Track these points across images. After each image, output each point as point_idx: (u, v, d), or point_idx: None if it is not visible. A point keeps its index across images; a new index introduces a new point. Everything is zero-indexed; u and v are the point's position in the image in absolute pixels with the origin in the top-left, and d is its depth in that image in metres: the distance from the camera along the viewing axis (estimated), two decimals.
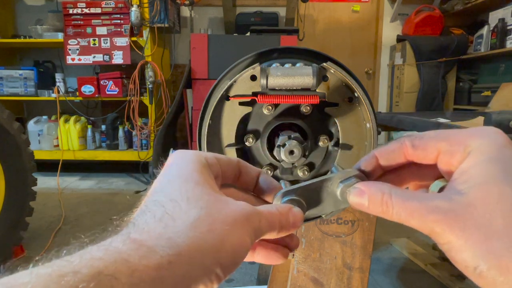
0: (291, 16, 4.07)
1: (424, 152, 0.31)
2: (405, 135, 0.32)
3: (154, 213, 0.25)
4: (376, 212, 0.29)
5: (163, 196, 0.27)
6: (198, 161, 0.30)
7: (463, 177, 0.27)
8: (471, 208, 0.25)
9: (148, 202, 0.27)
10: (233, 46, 3.29)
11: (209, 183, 0.29)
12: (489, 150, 0.27)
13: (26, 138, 2.15)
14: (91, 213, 2.87)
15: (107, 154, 3.88)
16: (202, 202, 0.27)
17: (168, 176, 0.29)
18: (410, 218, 0.27)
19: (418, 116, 2.32)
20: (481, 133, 0.29)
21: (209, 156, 0.32)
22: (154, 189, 0.29)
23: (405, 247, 2.25)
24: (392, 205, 0.28)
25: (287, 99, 0.57)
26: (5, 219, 1.98)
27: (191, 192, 0.27)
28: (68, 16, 3.66)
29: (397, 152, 0.32)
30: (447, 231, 0.26)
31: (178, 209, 0.26)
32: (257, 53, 0.59)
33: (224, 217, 0.26)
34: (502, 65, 3.72)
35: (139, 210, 0.27)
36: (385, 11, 4.62)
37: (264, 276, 1.60)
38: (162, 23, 3.66)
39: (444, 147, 0.29)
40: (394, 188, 0.29)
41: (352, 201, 0.31)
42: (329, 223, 0.70)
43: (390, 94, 4.57)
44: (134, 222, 0.25)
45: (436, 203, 0.27)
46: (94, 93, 3.71)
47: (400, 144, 0.32)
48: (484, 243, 0.24)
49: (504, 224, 0.24)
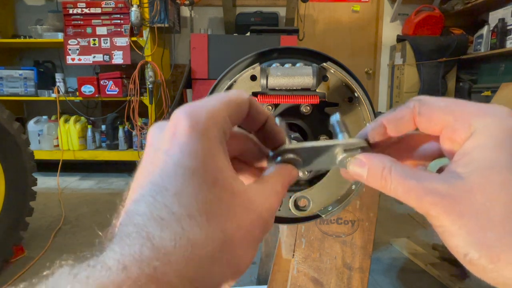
0: (291, 16, 4.07)
1: (428, 122, 0.29)
2: (415, 98, 0.30)
3: (172, 233, 0.20)
4: (374, 185, 0.29)
5: (174, 201, 0.21)
6: (217, 139, 0.24)
7: (465, 159, 0.26)
8: (470, 194, 0.24)
9: (153, 207, 0.21)
10: (233, 46, 3.29)
11: (229, 179, 0.24)
12: (496, 133, 0.26)
13: (26, 138, 2.15)
14: (91, 213, 2.87)
15: (107, 154, 3.88)
16: (223, 222, 0.22)
17: (175, 163, 0.22)
18: (407, 196, 0.27)
19: None
20: (489, 112, 0.27)
21: (222, 120, 0.25)
22: (150, 179, 0.22)
23: (405, 247, 2.25)
24: (390, 180, 0.27)
25: (287, 99, 0.57)
26: (5, 219, 1.98)
27: (210, 206, 0.22)
28: (68, 16, 3.66)
29: (406, 119, 0.30)
30: (442, 215, 0.25)
31: (197, 232, 0.21)
32: (257, 53, 0.59)
33: (243, 238, 0.23)
34: (502, 65, 3.71)
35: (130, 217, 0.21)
36: (385, 11, 4.62)
37: (264, 276, 1.60)
38: (162, 23, 3.66)
39: (449, 121, 0.28)
40: (395, 163, 0.28)
41: (352, 171, 0.30)
42: (329, 223, 0.70)
43: (390, 94, 4.57)
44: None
45: (435, 185, 0.26)
46: (94, 93, 3.71)
47: (409, 110, 0.30)
48: (478, 232, 0.24)
49: (502, 214, 0.23)
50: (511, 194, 0.24)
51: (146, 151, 0.26)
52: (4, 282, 1.87)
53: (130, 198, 0.23)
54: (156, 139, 0.25)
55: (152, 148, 0.25)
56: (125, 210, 0.22)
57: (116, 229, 0.21)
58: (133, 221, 0.21)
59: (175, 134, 0.23)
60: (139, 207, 0.21)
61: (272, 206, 0.27)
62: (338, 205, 0.52)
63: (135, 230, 0.20)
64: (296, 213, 0.59)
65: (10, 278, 1.90)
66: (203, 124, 0.24)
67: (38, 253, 2.16)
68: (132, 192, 0.24)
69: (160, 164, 0.23)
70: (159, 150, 0.23)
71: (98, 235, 0.24)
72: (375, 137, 0.31)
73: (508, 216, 0.23)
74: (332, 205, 0.52)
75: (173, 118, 0.24)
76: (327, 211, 0.48)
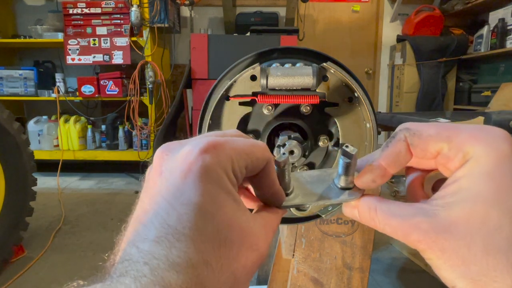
0: (291, 16, 4.07)
1: (423, 152, 0.29)
2: (402, 127, 0.30)
3: (188, 280, 0.20)
4: (367, 224, 0.30)
5: (190, 247, 0.21)
6: (234, 181, 0.25)
7: (453, 186, 0.26)
8: (452, 227, 0.25)
9: (169, 251, 0.20)
10: (233, 46, 3.29)
11: (242, 223, 0.24)
12: (488, 162, 0.25)
13: (26, 138, 2.15)
14: (91, 213, 2.87)
15: (107, 154, 3.88)
16: (233, 265, 0.23)
17: (192, 208, 0.22)
18: (395, 235, 0.28)
19: (418, 116, 2.32)
20: (482, 138, 0.26)
21: (241, 165, 0.25)
22: (165, 219, 0.21)
23: (405, 247, 2.24)
24: (378, 220, 0.29)
25: (287, 99, 0.57)
26: (5, 219, 1.98)
27: (224, 251, 0.22)
28: (68, 16, 3.66)
29: (403, 154, 0.30)
30: (427, 251, 0.26)
31: (211, 278, 0.21)
32: (257, 53, 0.59)
33: (246, 275, 0.24)
34: (502, 65, 3.72)
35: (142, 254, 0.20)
36: (385, 11, 4.62)
37: (264, 276, 1.60)
38: (162, 23, 3.66)
39: (442, 149, 0.28)
40: (380, 203, 0.29)
41: (346, 214, 0.33)
42: (329, 223, 0.70)
43: (390, 94, 4.57)
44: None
45: (418, 221, 0.26)
46: (94, 93, 3.71)
47: (402, 143, 0.29)
48: (461, 266, 0.24)
49: (482, 250, 0.24)
50: (491, 229, 0.24)
51: (155, 177, 0.25)
52: (4, 282, 1.87)
53: (138, 231, 0.22)
54: (167, 169, 0.24)
55: (163, 178, 0.24)
56: (133, 242, 0.21)
57: (124, 259, 0.21)
58: (146, 261, 0.20)
59: (190, 172, 0.23)
60: (155, 248, 0.20)
61: (269, 242, 0.28)
62: (338, 205, 0.52)
63: (150, 272, 0.20)
64: (296, 213, 0.59)
65: (10, 278, 1.90)
66: (221, 165, 0.24)
67: (38, 253, 2.16)
68: (139, 222, 0.23)
69: (174, 203, 0.22)
70: (172, 188, 0.23)
71: (103, 258, 0.23)
72: (377, 181, 0.31)
73: (488, 252, 0.24)
74: (332, 205, 0.52)
75: (189, 149, 0.24)
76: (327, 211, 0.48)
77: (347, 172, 0.31)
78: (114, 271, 0.20)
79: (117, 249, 0.25)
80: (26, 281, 1.90)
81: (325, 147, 0.64)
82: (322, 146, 0.63)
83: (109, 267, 0.22)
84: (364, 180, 0.31)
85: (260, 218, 0.28)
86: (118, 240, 0.26)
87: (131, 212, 0.26)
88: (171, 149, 0.25)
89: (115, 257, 0.23)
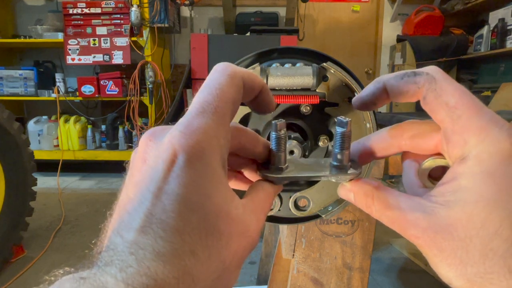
0: (291, 16, 4.07)
1: (430, 113, 0.28)
2: (428, 70, 0.28)
3: (175, 270, 0.20)
4: (363, 209, 0.30)
5: (176, 237, 0.20)
6: (219, 165, 0.24)
7: (453, 184, 0.26)
8: (452, 228, 0.25)
9: (154, 241, 0.20)
10: (233, 46, 3.29)
11: (230, 208, 0.24)
12: (490, 161, 0.24)
13: (26, 138, 2.15)
14: (91, 213, 2.87)
15: (107, 154, 3.88)
16: (222, 253, 0.22)
17: (176, 199, 0.21)
18: (392, 226, 0.28)
19: (418, 116, 2.32)
20: (488, 132, 0.25)
21: (223, 141, 0.25)
22: (149, 209, 0.21)
23: (405, 247, 2.25)
24: (374, 209, 0.28)
25: (287, 99, 0.57)
26: (5, 219, 1.98)
27: (211, 240, 0.22)
28: (68, 16, 3.66)
29: (410, 94, 0.28)
30: (425, 248, 0.26)
31: (199, 268, 0.21)
32: (257, 53, 0.59)
33: (237, 262, 0.24)
34: (502, 65, 3.72)
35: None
36: (385, 11, 4.62)
37: (264, 276, 1.60)
38: (162, 23, 3.66)
39: (447, 125, 0.27)
40: (377, 191, 0.29)
41: (341, 195, 0.32)
42: (329, 223, 0.70)
43: None
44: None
45: (417, 216, 0.26)
46: (94, 93, 3.71)
47: (415, 87, 0.28)
48: (458, 266, 0.24)
49: (480, 252, 0.24)
50: (491, 233, 0.24)
51: (139, 164, 0.25)
52: (4, 282, 1.87)
53: (123, 218, 0.22)
54: (151, 156, 0.24)
55: (147, 166, 0.23)
56: (117, 231, 0.21)
57: (109, 248, 0.20)
58: (132, 251, 0.20)
59: (174, 161, 0.22)
60: (140, 238, 0.20)
61: (261, 226, 0.27)
62: (338, 205, 0.52)
63: (136, 262, 0.19)
64: (296, 213, 0.59)
65: (10, 278, 1.90)
66: (204, 152, 0.23)
67: (38, 253, 2.16)
68: (124, 210, 0.22)
69: (159, 194, 0.21)
70: (156, 177, 0.22)
71: (92, 246, 0.23)
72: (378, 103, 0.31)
73: (487, 255, 0.24)
74: (332, 205, 0.52)
75: (173, 136, 0.23)
76: (327, 211, 0.48)
77: (343, 145, 0.30)
78: (100, 259, 0.20)
79: (103, 236, 0.24)
80: (26, 281, 1.90)
81: (325, 147, 0.64)
82: (322, 146, 0.63)
83: (96, 254, 0.21)
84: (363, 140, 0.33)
85: (251, 203, 0.27)
86: (104, 227, 0.25)
87: (116, 198, 0.26)
88: (157, 136, 0.25)
89: (102, 244, 0.22)
